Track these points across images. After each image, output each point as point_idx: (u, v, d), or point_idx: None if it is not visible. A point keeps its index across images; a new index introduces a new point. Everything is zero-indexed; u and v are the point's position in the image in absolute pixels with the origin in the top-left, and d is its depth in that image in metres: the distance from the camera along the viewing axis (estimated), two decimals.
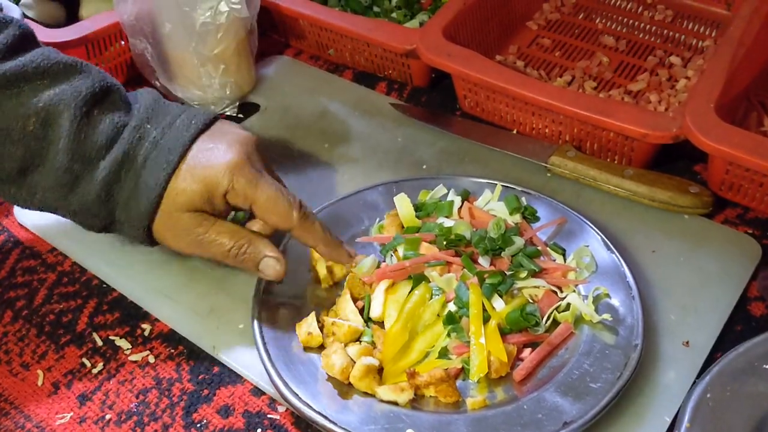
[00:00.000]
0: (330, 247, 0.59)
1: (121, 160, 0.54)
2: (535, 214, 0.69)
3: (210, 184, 0.54)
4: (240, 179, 0.55)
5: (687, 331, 0.60)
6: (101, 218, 0.56)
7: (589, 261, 0.64)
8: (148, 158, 0.54)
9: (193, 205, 0.55)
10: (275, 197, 0.56)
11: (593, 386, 0.55)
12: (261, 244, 0.57)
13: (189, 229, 0.55)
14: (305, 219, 0.57)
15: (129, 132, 0.55)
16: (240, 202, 0.56)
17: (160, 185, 0.54)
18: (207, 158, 0.55)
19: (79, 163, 0.53)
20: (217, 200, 0.55)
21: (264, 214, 0.56)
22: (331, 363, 0.57)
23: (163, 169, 0.54)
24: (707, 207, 0.69)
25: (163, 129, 0.55)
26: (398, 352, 0.57)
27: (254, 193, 0.55)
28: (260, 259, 0.57)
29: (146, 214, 0.55)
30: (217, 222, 0.56)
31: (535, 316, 0.59)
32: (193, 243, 0.56)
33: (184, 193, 0.54)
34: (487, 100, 0.80)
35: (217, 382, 0.60)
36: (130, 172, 0.54)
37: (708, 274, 0.65)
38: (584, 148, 0.76)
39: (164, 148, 0.54)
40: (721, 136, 0.64)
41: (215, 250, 0.57)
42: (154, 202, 0.54)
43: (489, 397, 0.56)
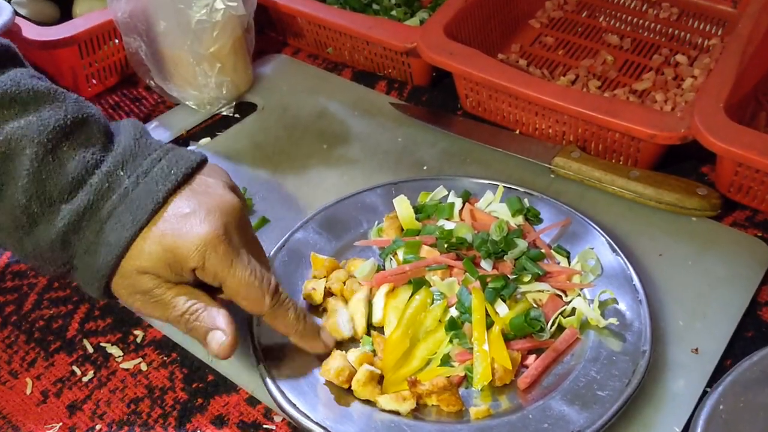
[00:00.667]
0: (303, 337, 0.54)
1: (83, 209, 0.49)
2: (539, 216, 0.67)
3: (179, 256, 0.49)
4: (212, 258, 0.49)
5: (696, 337, 0.59)
6: (57, 265, 0.51)
7: (595, 264, 0.62)
8: (114, 212, 0.49)
9: (154, 270, 0.50)
10: (247, 283, 0.50)
11: (601, 394, 0.53)
12: (215, 314, 0.51)
13: (145, 290, 0.50)
14: (278, 307, 0.52)
15: (98, 178, 0.50)
16: (209, 280, 0.51)
17: (120, 245, 0.49)
18: (180, 226, 0.49)
19: (38, 204, 0.48)
20: (183, 273, 0.50)
21: (234, 296, 0.51)
22: (328, 368, 0.55)
23: (128, 228, 0.49)
24: (715, 209, 0.68)
25: (137, 177, 0.50)
26: (399, 359, 0.55)
27: (225, 276, 0.50)
28: (209, 330, 0.51)
29: (102, 272, 0.50)
30: (175, 287, 0.51)
31: (539, 322, 0.57)
32: (147, 304, 0.51)
33: (148, 258, 0.49)
34: (489, 100, 0.78)
35: (212, 391, 0.58)
36: (91, 224, 0.49)
37: (717, 278, 0.63)
38: (589, 148, 0.75)
39: (133, 204, 0.49)
40: (731, 137, 0.62)
41: (168, 313, 0.51)
42: (111, 262, 0.49)
43: (493, 406, 0.54)
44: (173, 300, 0.51)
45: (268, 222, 0.70)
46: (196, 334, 0.52)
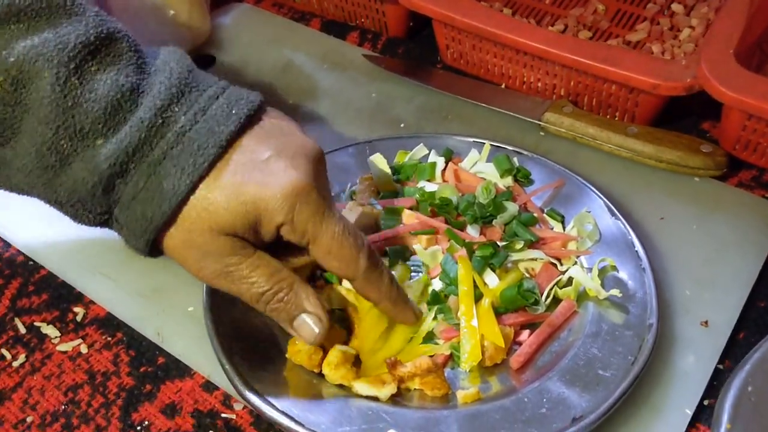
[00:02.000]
0: (396, 305, 0.48)
1: (133, 148, 0.41)
2: (529, 176, 0.61)
3: (261, 210, 0.42)
4: (303, 211, 0.42)
5: (704, 308, 0.53)
6: (95, 214, 0.43)
7: (592, 229, 0.56)
8: (169, 154, 0.41)
9: (232, 229, 0.42)
10: (341, 241, 0.43)
11: (604, 374, 0.47)
12: (303, 294, 0.45)
13: (218, 256, 0.42)
14: (373, 269, 0.45)
15: (151, 113, 0.41)
16: (295, 239, 0.43)
17: (179, 194, 0.41)
18: (261, 174, 0.42)
19: (68, 138, 0.40)
20: (266, 230, 0.43)
21: (323, 258, 0.44)
22: (297, 349, 0.48)
23: (188, 172, 0.41)
24: (720, 168, 0.62)
25: (195, 115, 0.42)
26: (376, 341, 0.49)
27: (316, 232, 0.43)
28: (298, 313, 0.45)
29: (154, 224, 0.42)
30: (257, 253, 0.43)
31: (533, 293, 0.51)
32: (218, 273, 0.43)
33: (225, 214, 0.41)
34: (472, 50, 0.71)
35: (162, 376, 0.51)
36: (141, 166, 0.41)
37: (724, 243, 0.57)
38: (582, 103, 0.68)
39: (193, 144, 0.41)
40: (743, 86, 0.56)
41: (244, 289, 0.44)
42: (167, 213, 0.41)
43: (483, 389, 0.48)
44: (253, 273, 0.43)
45: None
46: (279, 317, 0.45)
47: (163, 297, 0.55)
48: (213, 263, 0.43)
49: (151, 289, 0.55)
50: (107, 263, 0.57)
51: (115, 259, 0.57)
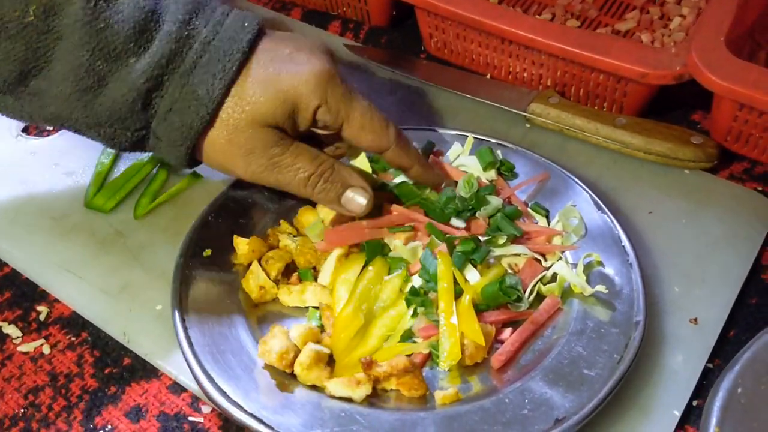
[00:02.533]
0: (426, 168, 0.53)
1: (166, 62, 0.44)
2: (513, 170, 0.59)
3: (297, 96, 0.46)
4: (335, 92, 0.47)
5: (694, 305, 0.51)
6: (133, 131, 0.46)
7: (578, 223, 0.54)
8: (199, 62, 0.45)
9: (273, 119, 0.46)
10: (371, 112, 0.48)
11: (588, 373, 0.45)
12: (346, 172, 0.49)
13: (263, 148, 0.46)
14: (400, 137, 0.50)
15: (177, 27, 0.44)
16: (330, 120, 0.47)
17: (214, 98, 0.44)
18: (287, 65, 0.46)
19: (103, 59, 0.43)
20: (303, 117, 0.47)
21: (357, 134, 0.48)
22: (268, 348, 0.46)
23: (219, 78, 0.44)
24: (711, 160, 0.60)
25: (214, 26, 0.46)
26: (352, 339, 0.46)
27: (349, 109, 0.47)
28: (344, 190, 0.49)
29: (194, 130, 0.45)
30: (296, 142, 0.47)
31: (516, 290, 0.49)
32: (266, 166, 0.47)
33: (265, 104, 0.45)
34: (456, 39, 0.69)
35: (128, 377, 0.49)
36: (174, 78, 0.45)
37: (714, 238, 0.55)
38: (568, 93, 0.66)
39: (218, 51, 0.45)
40: (735, 74, 0.54)
41: (291, 177, 0.47)
42: (205, 117, 0.45)
43: (462, 389, 0.46)
44: (297, 160, 0.47)
45: (200, 178, 0.60)
46: (328, 196, 0.49)
47: (131, 295, 0.52)
48: (258, 157, 0.46)
49: (119, 287, 0.53)
50: (73, 260, 0.55)
51: (81, 255, 0.55)
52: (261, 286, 0.50)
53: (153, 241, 0.56)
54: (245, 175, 0.48)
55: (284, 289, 0.50)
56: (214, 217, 0.55)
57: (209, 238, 0.53)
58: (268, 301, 0.51)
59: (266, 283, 0.50)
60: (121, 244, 0.56)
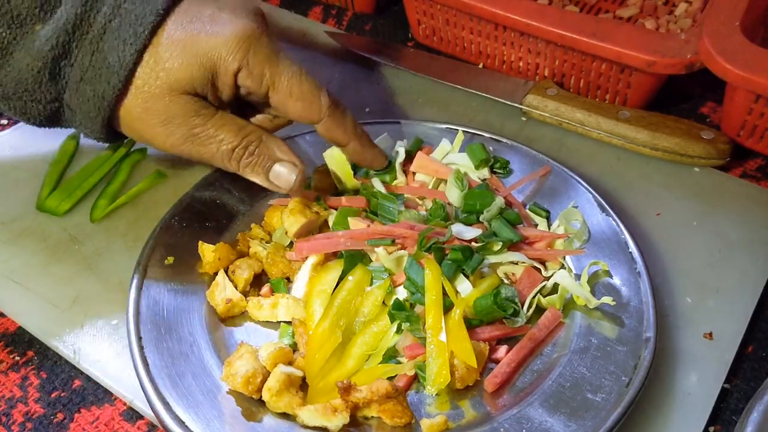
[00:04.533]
0: (364, 145, 0.48)
1: (71, 27, 0.41)
2: (508, 167, 0.54)
3: (215, 59, 0.42)
4: (257, 53, 0.43)
5: (708, 318, 0.46)
6: (44, 103, 0.43)
7: (580, 227, 0.49)
8: (108, 27, 0.41)
9: (191, 85, 0.42)
10: (300, 79, 0.44)
11: (593, 398, 0.40)
12: (274, 145, 0.45)
13: (183, 117, 0.43)
14: (335, 107, 0.46)
15: None
16: (253, 85, 0.44)
17: (126, 65, 0.41)
18: (206, 26, 0.42)
19: (6, 26, 0.40)
20: (223, 82, 0.43)
21: (285, 101, 0.45)
22: (233, 371, 0.41)
23: (130, 42, 0.41)
24: (723, 156, 0.55)
25: None
26: (328, 360, 0.41)
27: (274, 73, 0.43)
28: (271, 164, 0.45)
29: (107, 100, 0.42)
30: (219, 112, 0.44)
31: (512, 303, 0.44)
32: (186, 137, 0.43)
33: (174, 70, 0.42)
34: (446, 26, 0.64)
35: (78, 402, 0.43)
36: (83, 44, 0.41)
37: (728, 242, 0.51)
38: (567, 84, 0.62)
39: (130, 14, 0.42)
40: (752, 62, 0.49)
41: (213, 149, 0.44)
42: (117, 86, 0.42)
43: (452, 417, 0.41)
44: (220, 131, 0.44)
45: (164, 177, 0.55)
46: (255, 171, 0.46)
47: (84, 308, 0.47)
48: (178, 127, 0.43)
49: (71, 299, 0.48)
50: (21, 269, 0.50)
51: (30, 264, 0.50)
52: (228, 299, 0.45)
53: (110, 247, 0.51)
54: (164, 146, 0.44)
55: (254, 302, 0.45)
56: (178, 220, 0.50)
57: (172, 245, 0.48)
58: (236, 315, 0.46)
59: (234, 296, 0.45)
60: (74, 251, 0.50)
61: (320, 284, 0.44)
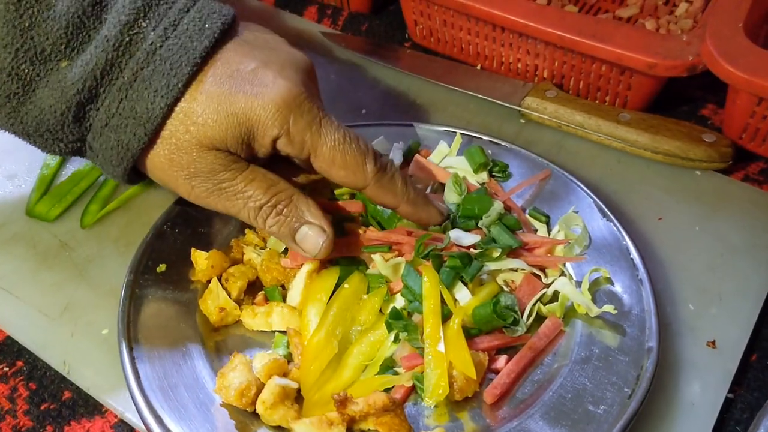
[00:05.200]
0: (416, 206, 0.45)
1: (101, 72, 0.38)
2: (507, 170, 0.53)
3: (252, 123, 0.40)
4: (298, 120, 0.40)
5: (710, 325, 0.46)
6: (66, 143, 0.41)
7: (581, 232, 0.48)
8: (140, 74, 0.39)
9: (223, 144, 0.40)
10: (344, 147, 0.41)
11: (595, 411, 0.39)
12: (304, 206, 0.42)
13: (211, 172, 0.40)
14: (383, 173, 0.43)
15: (114, 30, 0.38)
16: (294, 152, 0.41)
17: (154, 118, 0.39)
18: (246, 84, 0.40)
19: (29, 62, 0.38)
20: (260, 144, 0.41)
21: (328, 168, 0.42)
22: (226, 383, 0.40)
23: (162, 94, 0.39)
24: (725, 160, 0.54)
25: (164, 30, 0.39)
26: (324, 371, 0.40)
27: (316, 141, 0.41)
28: (299, 226, 0.42)
29: (131, 152, 0.40)
30: (251, 166, 0.42)
31: (512, 311, 0.43)
32: (211, 191, 0.41)
33: (206, 127, 0.39)
34: (443, 27, 0.63)
35: (67, 414, 0.43)
36: (111, 90, 0.39)
37: (731, 248, 0.50)
38: (567, 86, 0.61)
39: (165, 63, 0.39)
40: (755, 65, 0.48)
41: (240, 205, 0.42)
42: (143, 138, 0.39)
43: (451, 429, 0.40)
44: (249, 187, 0.41)
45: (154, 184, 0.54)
46: (280, 231, 0.42)
47: (74, 317, 0.46)
48: (204, 181, 0.41)
49: (61, 308, 0.47)
50: (10, 276, 0.49)
51: (19, 272, 0.49)
52: (221, 308, 0.44)
53: (102, 253, 0.50)
54: (189, 197, 0.42)
55: (248, 311, 0.44)
56: (171, 226, 0.49)
57: (164, 251, 0.47)
58: (230, 325, 0.45)
59: (227, 304, 0.44)
60: (65, 258, 0.49)
61: (316, 292, 0.43)
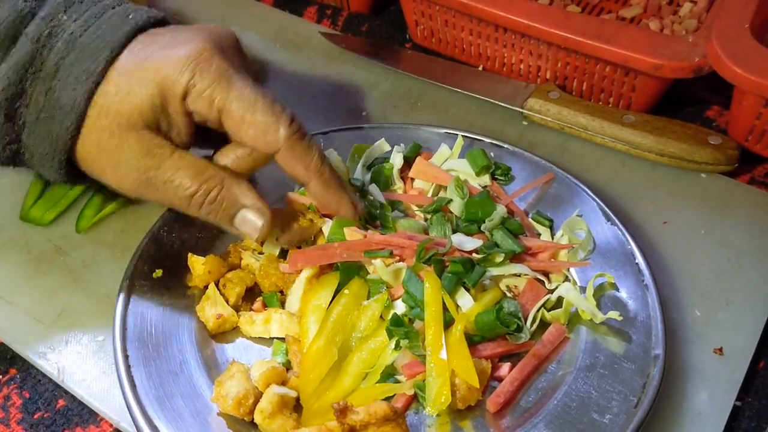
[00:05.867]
0: (327, 187, 0.43)
1: (23, 65, 0.38)
2: (509, 173, 0.52)
3: (162, 83, 0.39)
4: (205, 74, 0.39)
5: (718, 332, 0.45)
6: (3, 144, 0.40)
7: (585, 236, 0.47)
8: (62, 64, 0.39)
9: (140, 116, 0.39)
10: (254, 104, 0.40)
11: (601, 420, 0.39)
12: (237, 189, 0.41)
13: (135, 157, 0.39)
14: (297, 139, 0.41)
15: (35, 25, 0.38)
16: (204, 109, 0.40)
17: (78, 105, 0.38)
18: (155, 53, 0.39)
19: None
20: (173, 109, 0.39)
21: (238, 128, 0.40)
22: (224, 392, 0.39)
23: (83, 80, 0.38)
24: (731, 162, 0.53)
25: (86, 21, 0.39)
26: (323, 379, 0.39)
27: (225, 97, 0.39)
28: (236, 210, 0.41)
29: (62, 141, 0.39)
30: (176, 153, 0.40)
31: (516, 318, 0.42)
32: (140, 181, 0.40)
33: (123, 103, 0.38)
34: (445, 27, 0.63)
35: (62, 423, 0.42)
36: (37, 83, 0.39)
37: (737, 252, 0.49)
38: (570, 87, 0.60)
39: (85, 50, 0.39)
40: (763, 66, 0.48)
41: (171, 195, 0.40)
42: (71, 127, 0.39)
43: None
44: (176, 176, 0.40)
45: None
46: (218, 218, 0.41)
47: (69, 324, 0.46)
48: (131, 170, 0.39)
49: (55, 314, 0.46)
50: (4, 282, 0.48)
51: (13, 277, 0.48)
52: (219, 314, 0.43)
53: (97, 258, 0.49)
54: (120, 189, 0.41)
55: (246, 318, 0.44)
56: (167, 231, 0.48)
57: (161, 257, 0.47)
58: (228, 331, 0.44)
59: (225, 311, 0.43)
60: (60, 263, 0.49)
61: (315, 298, 0.42)
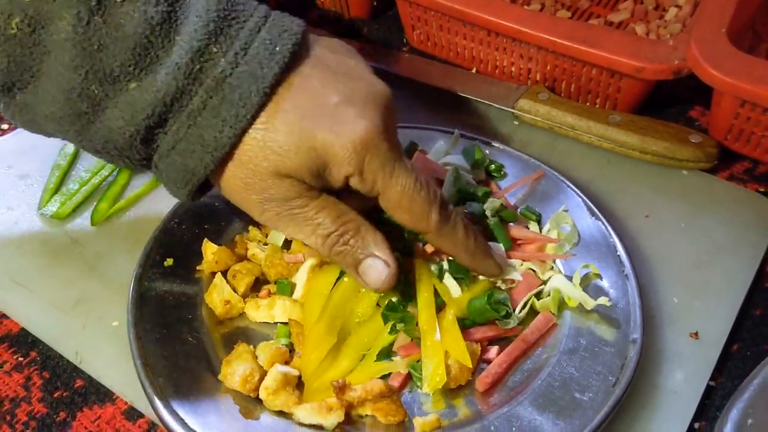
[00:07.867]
0: (475, 257, 0.45)
1: (171, 100, 0.38)
2: (502, 170, 0.55)
3: (329, 158, 0.39)
4: (373, 162, 0.39)
5: (694, 317, 0.47)
6: (134, 161, 0.41)
7: (570, 230, 0.50)
8: (209, 103, 0.38)
9: (298, 174, 0.40)
10: (411, 193, 0.41)
11: (581, 398, 0.41)
12: (371, 238, 0.42)
13: (284, 198, 0.40)
14: (445, 222, 0.43)
15: (185, 55, 0.37)
16: (364, 190, 0.41)
17: (222, 146, 0.39)
18: (330, 120, 0.39)
19: (98, 83, 0.37)
20: (333, 178, 0.40)
21: (393, 210, 0.42)
22: (231, 371, 0.42)
23: (230, 125, 0.38)
24: (711, 160, 0.56)
25: (235, 56, 0.38)
26: (323, 359, 0.42)
27: (386, 184, 0.40)
28: (365, 257, 0.42)
29: (196, 176, 0.40)
30: (321, 196, 0.41)
31: (505, 305, 0.45)
32: (283, 216, 0.41)
33: (287, 159, 0.39)
34: (440, 32, 0.65)
35: (80, 402, 0.44)
36: (180, 117, 0.39)
37: (715, 244, 0.52)
38: (559, 89, 0.62)
39: (234, 93, 0.38)
40: (738, 69, 0.50)
41: (308, 231, 0.42)
42: (209, 165, 0.39)
43: (444, 415, 0.42)
44: (318, 215, 0.41)
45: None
46: (345, 261, 0.42)
47: (86, 310, 0.48)
48: (277, 206, 0.41)
49: (73, 302, 0.49)
50: (24, 272, 0.50)
51: (33, 267, 0.51)
52: (226, 301, 0.46)
53: (111, 250, 0.52)
54: (259, 219, 0.42)
55: (251, 303, 0.46)
56: (178, 223, 0.51)
57: (172, 246, 0.49)
58: (234, 317, 0.47)
59: (232, 297, 0.46)
60: (76, 254, 0.51)
61: (317, 286, 0.45)
